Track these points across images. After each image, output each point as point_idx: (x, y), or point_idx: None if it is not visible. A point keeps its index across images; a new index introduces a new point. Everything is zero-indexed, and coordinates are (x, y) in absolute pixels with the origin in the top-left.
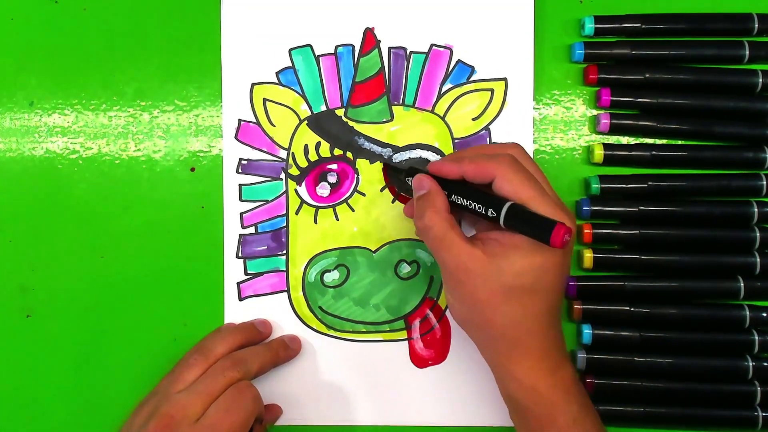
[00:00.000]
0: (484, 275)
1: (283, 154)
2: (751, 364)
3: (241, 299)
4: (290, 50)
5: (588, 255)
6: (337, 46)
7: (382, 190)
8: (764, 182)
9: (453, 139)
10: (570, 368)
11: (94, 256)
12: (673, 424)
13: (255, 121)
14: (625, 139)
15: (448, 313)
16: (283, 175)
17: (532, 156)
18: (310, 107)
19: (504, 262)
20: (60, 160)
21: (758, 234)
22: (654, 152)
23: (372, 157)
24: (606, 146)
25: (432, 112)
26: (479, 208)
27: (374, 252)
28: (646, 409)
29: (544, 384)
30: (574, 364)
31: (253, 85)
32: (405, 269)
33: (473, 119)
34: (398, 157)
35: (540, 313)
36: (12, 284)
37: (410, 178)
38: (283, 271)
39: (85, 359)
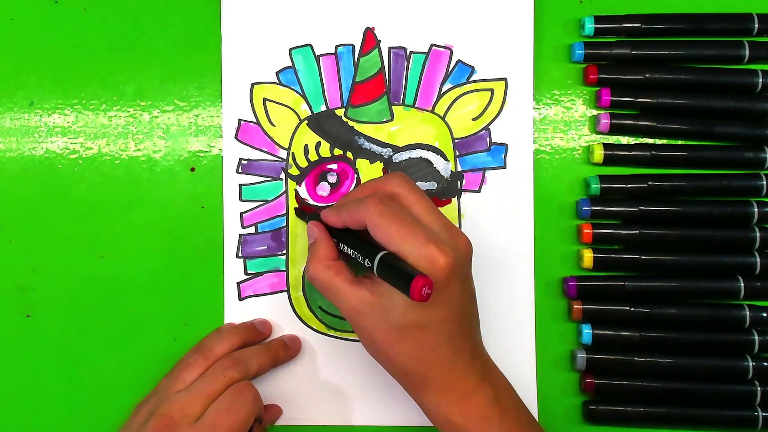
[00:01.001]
0: (373, 316)
1: (283, 154)
2: (751, 364)
3: (241, 299)
4: (290, 50)
5: (588, 255)
6: (337, 46)
7: None
8: (764, 182)
9: (453, 139)
10: (488, 390)
11: (94, 256)
12: (673, 424)
13: (255, 121)
14: (625, 139)
15: None
16: (283, 175)
17: (532, 156)
18: (310, 107)
19: (388, 301)
20: (60, 160)
21: (758, 234)
22: (654, 152)
23: (372, 157)
24: (606, 146)
25: (432, 112)
26: (359, 258)
27: None
28: (646, 409)
29: (456, 414)
30: (574, 364)
31: (253, 84)
32: None
33: (473, 119)
34: (398, 157)
35: (437, 345)
36: (12, 284)
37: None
38: (283, 270)
39: (85, 359)
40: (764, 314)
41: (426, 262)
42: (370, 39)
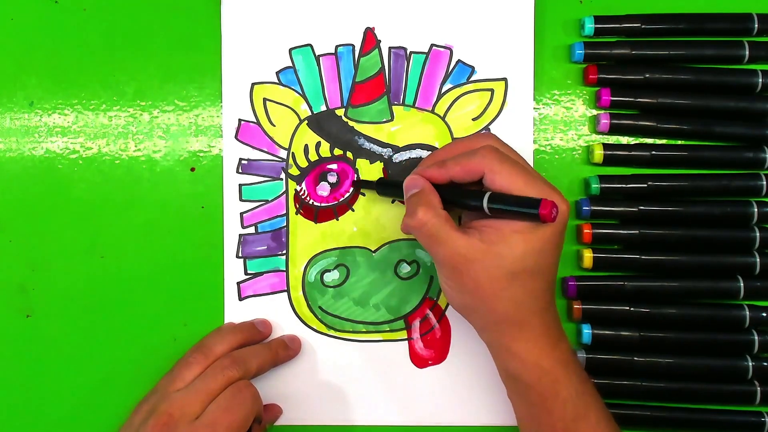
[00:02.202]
0: (484, 263)
1: (283, 153)
2: (751, 364)
3: (241, 299)
4: (290, 50)
5: (588, 255)
6: (337, 46)
7: None
8: (764, 182)
9: (453, 139)
10: (567, 342)
11: (94, 256)
12: (672, 425)
13: (255, 120)
14: (625, 139)
15: (448, 313)
16: (283, 175)
17: (532, 156)
18: (310, 107)
19: (504, 248)
20: (60, 160)
21: (758, 234)
22: (654, 152)
23: (372, 157)
24: (606, 146)
25: (432, 112)
26: (467, 202)
27: (374, 252)
28: (645, 410)
29: (546, 360)
30: None
31: (253, 84)
32: (405, 269)
33: (473, 119)
34: (398, 157)
35: (541, 292)
36: (12, 284)
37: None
38: (283, 271)
39: (85, 359)
40: (764, 314)
41: None
42: (370, 39)
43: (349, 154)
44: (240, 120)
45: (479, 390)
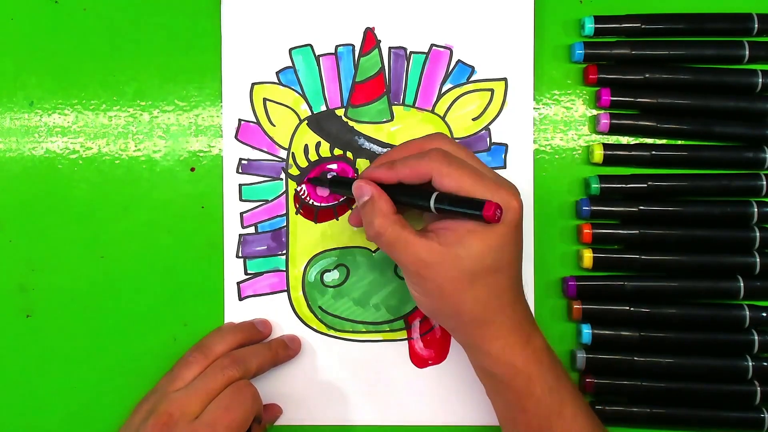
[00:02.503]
0: (444, 265)
1: (283, 153)
2: (751, 364)
3: (241, 299)
4: (290, 50)
5: (588, 255)
6: (337, 46)
7: None
8: (764, 182)
9: (453, 139)
10: (540, 338)
11: (94, 256)
12: (672, 424)
13: (255, 120)
14: (625, 139)
15: None
16: (283, 175)
17: (532, 156)
18: (310, 107)
19: (461, 249)
20: (60, 160)
21: (758, 234)
22: (654, 152)
23: (372, 157)
24: (606, 146)
25: (432, 112)
26: (417, 202)
27: (374, 252)
28: (646, 410)
29: (519, 358)
30: (574, 363)
31: (253, 84)
32: None
33: (473, 119)
34: None
35: (505, 289)
36: (12, 284)
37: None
38: (283, 270)
39: (85, 359)
40: (764, 314)
41: (500, 204)
42: (370, 39)
43: (349, 154)
44: (240, 120)
45: (479, 390)
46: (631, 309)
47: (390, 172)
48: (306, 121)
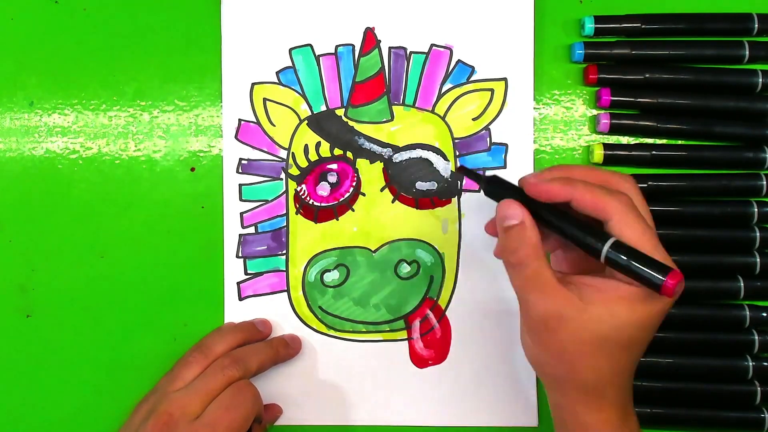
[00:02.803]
0: (577, 324)
1: (283, 153)
2: (751, 364)
3: (241, 299)
4: (290, 50)
5: None
6: (337, 46)
7: (382, 190)
8: (764, 182)
9: (453, 139)
10: (635, 421)
11: (94, 256)
12: (672, 425)
13: (255, 120)
14: (625, 139)
15: (448, 313)
16: (283, 175)
17: (532, 156)
18: (310, 107)
19: (604, 312)
20: (60, 160)
21: (758, 234)
22: (654, 152)
23: (372, 157)
24: (606, 146)
25: (432, 112)
26: (581, 237)
27: (374, 252)
28: (646, 410)
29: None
30: None
31: (253, 84)
32: (405, 269)
33: (473, 119)
34: (398, 157)
35: (626, 367)
36: (12, 284)
37: (484, 186)
38: (283, 270)
39: (85, 359)
40: (764, 314)
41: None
42: (370, 39)
43: (349, 154)
44: (240, 120)
45: (479, 390)
46: None
47: (566, 188)
48: (306, 121)
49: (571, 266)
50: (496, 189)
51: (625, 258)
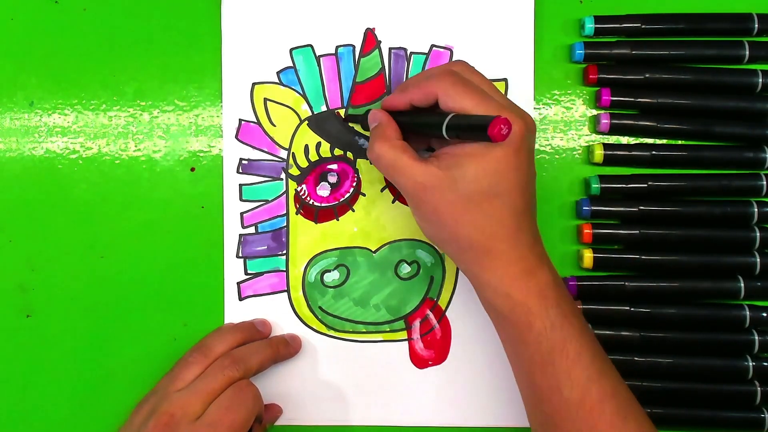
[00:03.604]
0: (441, 188)
1: (283, 154)
2: (751, 364)
3: (241, 299)
4: (291, 50)
5: (588, 255)
6: (337, 47)
7: (382, 190)
8: (764, 182)
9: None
10: (547, 272)
11: (94, 256)
12: (673, 425)
13: (255, 120)
14: (625, 139)
15: (448, 314)
16: (283, 175)
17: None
18: (310, 107)
19: (457, 172)
20: (60, 160)
21: (758, 234)
22: (654, 152)
23: None
24: (606, 146)
25: None
26: (427, 124)
27: (374, 252)
28: (646, 410)
29: (517, 289)
30: None
31: (253, 84)
32: (405, 269)
33: None
34: None
35: (504, 216)
36: (12, 284)
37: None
38: (283, 271)
39: (85, 359)
40: (764, 314)
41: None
42: (370, 39)
43: (350, 155)
44: (240, 120)
45: (479, 390)
46: (632, 309)
47: (402, 95)
48: (306, 121)
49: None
50: (356, 120)
51: (455, 124)
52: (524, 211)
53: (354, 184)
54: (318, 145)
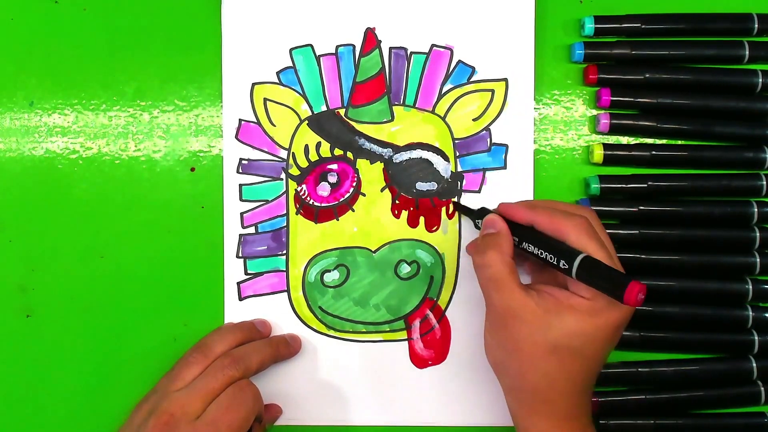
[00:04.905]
0: (532, 327)
1: (283, 154)
2: (754, 364)
3: (241, 299)
4: (291, 50)
5: None
6: (337, 46)
7: (382, 190)
8: (764, 182)
9: (453, 139)
10: None
11: (94, 256)
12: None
13: (255, 120)
14: (625, 139)
15: (448, 314)
16: (283, 175)
17: (532, 157)
18: (310, 107)
19: (556, 320)
20: (60, 160)
21: (758, 234)
22: (654, 152)
23: (372, 157)
24: (606, 146)
25: (432, 112)
26: (550, 257)
27: (374, 252)
28: (650, 422)
29: None
30: None
31: (253, 84)
32: (405, 269)
33: (474, 120)
34: (399, 158)
35: (576, 376)
36: (12, 284)
37: (480, 220)
38: (283, 271)
39: (85, 359)
40: (767, 314)
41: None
42: (370, 39)
43: (350, 155)
44: (240, 120)
45: (479, 390)
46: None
47: (528, 212)
48: (306, 121)
49: (538, 281)
50: (471, 212)
51: (591, 271)
52: (593, 375)
53: (354, 184)
54: (318, 145)
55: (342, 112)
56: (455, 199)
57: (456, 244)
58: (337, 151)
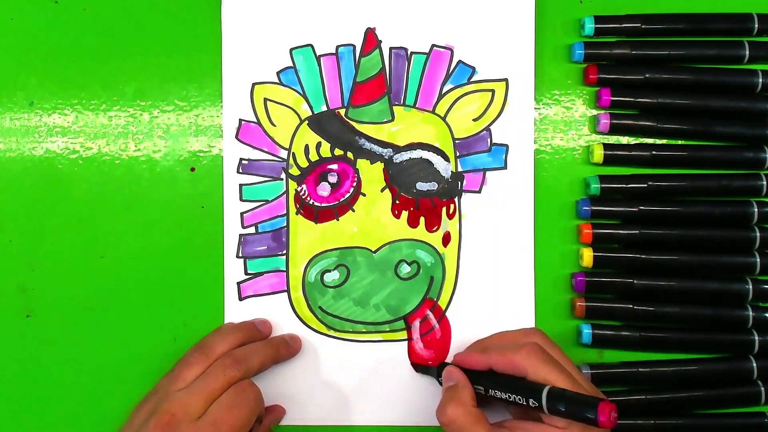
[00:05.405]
0: None
1: (283, 154)
2: (755, 364)
3: (241, 299)
4: (291, 50)
5: (588, 254)
6: (338, 46)
7: (382, 190)
8: (764, 182)
9: (454, 139)
10: None
11: (94, 256)
12: (674, 424)
13: (256, 120)
14: (625, 139)
15: (448, 314)
16: (283, 175)
17: (532, 157)
18: (310, 107)
19: None
20: (60, 160)
21: (758, 234)
22: (654, 152)
23: (373, 157)
24: (606, 146)
25: (433, 112)
26: (518, 399)
27: (374, 252)
28: (650, 422)
29: None
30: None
31: (253, 84)
32: (405, 269)
33: (474, 120)
34: (399, 158)
35: None
36: (12, 284)
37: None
38: (283, 271)
39: (85, 359)
40: (767, 314)
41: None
42: (370, 39)
43: (350, 155)
44: (240, 120)
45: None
46: (635, 307)
47: (483, 357)
48: (307, 121)
49: (515, 413)
50: (428, 369)
51: (558, 402)
52: None
53: (354, 184)
54: (318, 145)
55: (342, 112)
56: (412, 361)
57: (456, 244)
58: (338, 151)
